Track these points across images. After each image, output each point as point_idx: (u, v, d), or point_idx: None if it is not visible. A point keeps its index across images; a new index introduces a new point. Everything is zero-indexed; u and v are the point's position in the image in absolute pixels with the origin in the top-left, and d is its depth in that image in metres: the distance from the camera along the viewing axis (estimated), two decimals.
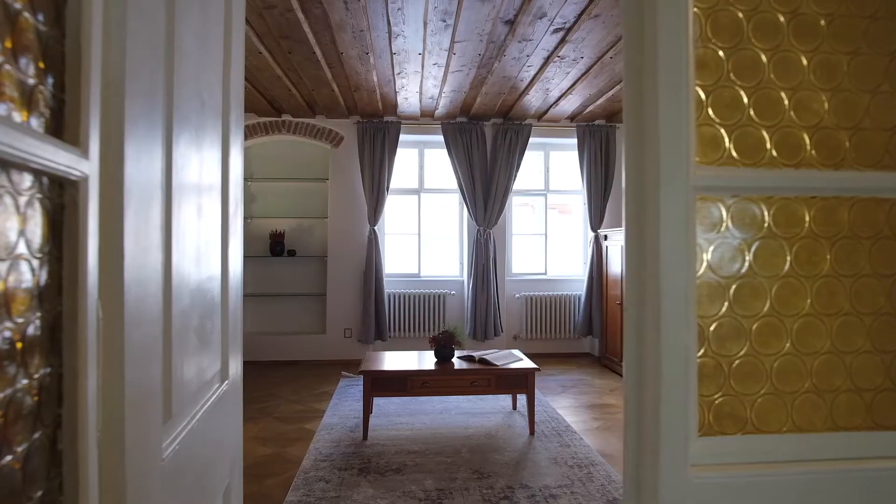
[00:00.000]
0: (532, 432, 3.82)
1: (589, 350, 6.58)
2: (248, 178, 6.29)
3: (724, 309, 0.72)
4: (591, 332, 6.35)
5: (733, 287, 0.72)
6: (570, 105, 5.68)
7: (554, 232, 6.75)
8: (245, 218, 6.24)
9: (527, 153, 6.32)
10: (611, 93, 5.19)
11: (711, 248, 0.72)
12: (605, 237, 6.03)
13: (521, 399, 4.51)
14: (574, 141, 6.43)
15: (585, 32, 3.80)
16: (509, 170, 6.21)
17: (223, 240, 1.14)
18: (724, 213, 0.72)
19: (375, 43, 3.98)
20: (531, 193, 6.70)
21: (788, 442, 0.70)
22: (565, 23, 3.66)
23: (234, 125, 1.22)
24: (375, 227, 6.09)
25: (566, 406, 4.55)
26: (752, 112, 0.72)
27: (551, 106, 5.73)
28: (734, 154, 0.71)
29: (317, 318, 6.42)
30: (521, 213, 6.75)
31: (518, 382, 3.81)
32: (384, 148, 6.08)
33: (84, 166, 0.51)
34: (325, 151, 6.36)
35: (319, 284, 6.39)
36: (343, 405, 4.51)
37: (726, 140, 0.71)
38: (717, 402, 0.71)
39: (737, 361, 0.71)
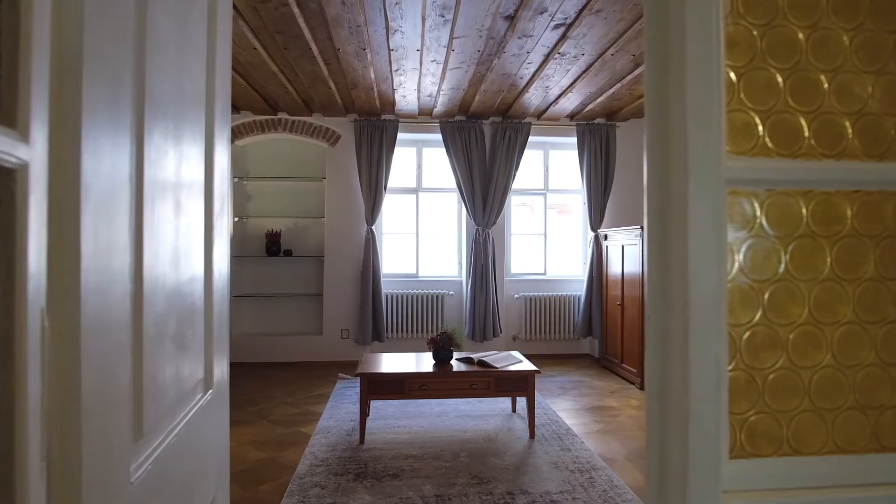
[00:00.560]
0: (532, 436, 3.75)
1: (589, 351, 6.51)
2: (243, 176, 6.21)
3: (757, 316, 0.64)
4: (590, 333, 6.28)
5: (768, 292, 0.64)
6: (569, 103, 5.61)
7: (553, 232, 6.68)
8: (241, 217, 6.16)
9: (526, 152, 6.26)
10: (611, 91, 5.12)
11: (743, 248, 0.64)
12: (606, 237, 5.96)
13: (521, 401, 4.44)
14: (574, 140, 6.37)
15: (587, 28, 3.73)
16: (508, 169, 6.14)
17: (206, 239, 1.06)
18: (757, 208, 0.64)
19: (373, 39, 3.91)
20: (530, 193, 6.63)
21: (829, 465, 0.63)
22: (566, 18, 3.59)
23: (220, 116, 1.15)
24: (373, 227, 6.01)
25: (566, 408, 4.49)
26: (788, 96, 0.64)
27: (551, 104, 5.66)
28: (769, 143, 0.64)
29: (313, 319, 6.35)
30: (520, 213, 6.68)
31: (518, 385, 3.74)
32: (382, 146, 6.00)
33: (22, 152, 0.43)
34: (321, 150, 6.28)
35: (316, 285, 6.31)
36: (340, 408, 4.43)
37: (760, 127, 0.64)
38: (750, 420, 0.63)
39: (771, 375, 0.64)
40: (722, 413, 0.60)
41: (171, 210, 0.85)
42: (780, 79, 0.64)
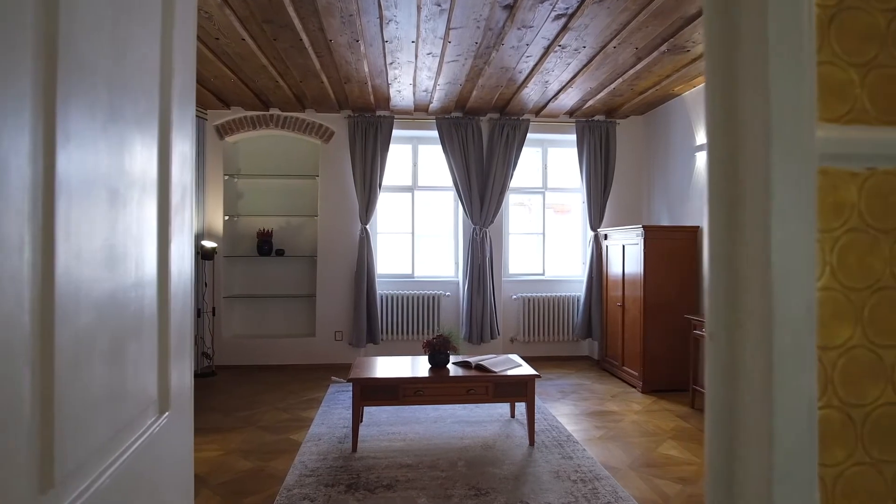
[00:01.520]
0: (532, 443, 3.60)
1: (588, 353, 6.37)
2: (234, 174, 6.03)
3: (855, 336, 0.49)
4: (590, 335, 6.14)
5: (868, 303, 0.49)
6: (569, 99, 5.46)
7: (552, 231, 6.53)
8: (231, 216, 5.99)
9: (524, 149, 6.11)
10: (612, 86, 4.97)
11: (837, 246, 0.49)
12: (606, 236, 5.82)
13: (520, 406, 4.29)
14: (573, 137, 6.22)
15: (589, 19, 3.58)
16: (506, 167, 5.99)
17: (161, 237, 0.90)
18: (854, 193, 0.49)
19: (366, 29, 3.74)
20: (529, 191, 6.48)
21: None
22: (568, 8, 3.44)
23: (180, 94, 0.99)
24: (367, 226, 5.85)
25: (566, 413, 4.34)
26: (893, 46, 0.49)
27: (550, 100, 5.51)
28: (868, 107, 0.49)
29: (306, 321, 6.18)
30: (518, 212, 6.53)
31: (517, 390, 3.59)
32: (376, 143, 5.84)
33: None
34: (314, 147, 6.11)
35: (309, 285, 6.14)
36: (332, 413, 4.26)
37: (857, 86, 0.49)
38: (846, 473, 0.48)
39: (873, 413, 0.49)
40: (812, 466, 0.45)
41: (105, 201, 0.69)
42: (882, 22, 0.49)
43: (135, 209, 0.79)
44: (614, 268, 5.64)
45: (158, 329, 0.90)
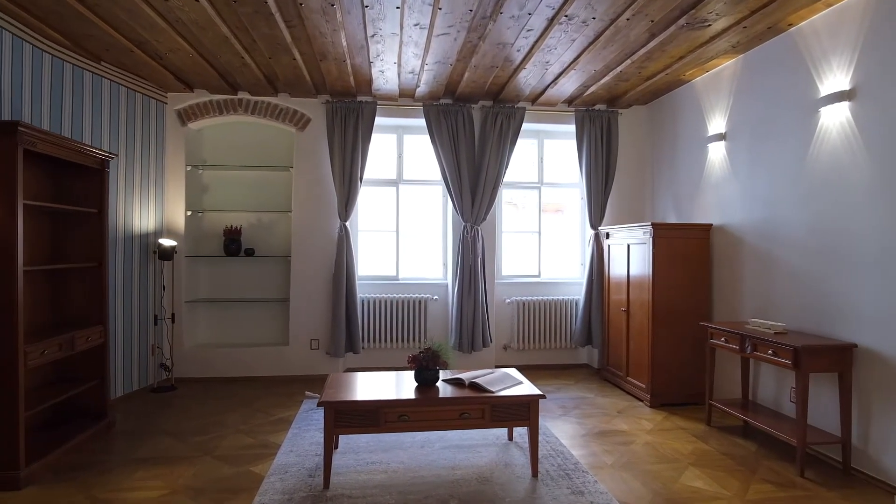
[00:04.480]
0: (535, 474, 3.09)
1: (587, 361, 5.89)
2: (198, 164, 5.43)
3: None
4: (590, 342, 5.66)
5: None
6: (570, 84, 4.97)
7: (549, 230, 6.03)
8: (195, 211, 5.38)
9: (519, 141, 5.60)
10: (619, 69, 4.48)
11: None
12: (608, 235, 5.33)
13: (519, 427, 3.78)
14: (572, 128, 5.74)
15: None
16: (500, 159, 5.48)
17: None
18: None
19: None
20: (524, 186, 5.97)
21: None
22: None
23: None
24: (347, 223, 5.29)
25: (570, 434, 3.83)
26: None
27: (549, 86, 5.01)
28: None
29: (279, 328, 5.60)
30: (512, 209, 6.02)
31: (518, 413, 3.07)
32: (357, 132, 5.28)
33: None
34: (288, 135, 5.54)
35: (282, 288, 5.57)
36: (303, 437, 3.70)
37: None
38: None
39: None
40: None
41: None
42: None
43: None
44: (617, 269, 5.16)
45: None
